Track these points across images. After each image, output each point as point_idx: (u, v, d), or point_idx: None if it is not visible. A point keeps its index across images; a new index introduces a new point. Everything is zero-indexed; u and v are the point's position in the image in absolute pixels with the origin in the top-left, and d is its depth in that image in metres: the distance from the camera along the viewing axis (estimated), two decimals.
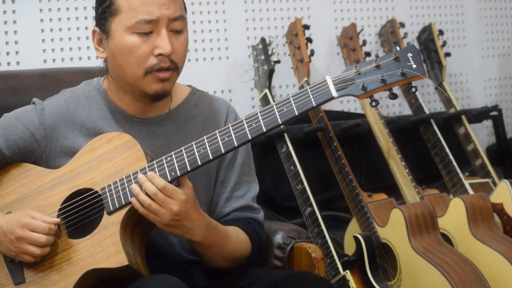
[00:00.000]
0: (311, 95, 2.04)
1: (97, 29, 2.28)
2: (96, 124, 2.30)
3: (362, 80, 2.02)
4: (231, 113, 2.39)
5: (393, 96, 2.02)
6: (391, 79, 2.01)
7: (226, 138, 2.08)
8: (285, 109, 2.05)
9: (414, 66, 2.01)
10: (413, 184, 3.43)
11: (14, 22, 3.14)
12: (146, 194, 2.10)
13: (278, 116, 2.05)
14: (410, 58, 2.01)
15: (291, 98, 2.05)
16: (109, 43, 2.25)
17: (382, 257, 3.25)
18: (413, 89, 2.03)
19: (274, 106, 2.06)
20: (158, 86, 2.24)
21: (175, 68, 2.25)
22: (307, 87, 2.05)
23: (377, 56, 2.03)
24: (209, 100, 2.40)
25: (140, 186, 2.10)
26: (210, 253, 2.23)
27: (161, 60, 2.22)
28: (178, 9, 2.23)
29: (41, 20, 3.19)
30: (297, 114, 2.04)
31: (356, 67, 2.03)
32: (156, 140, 2.30)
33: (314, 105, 2.04)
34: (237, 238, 2.28)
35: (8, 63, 3.12)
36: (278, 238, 2.61)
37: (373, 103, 2.04)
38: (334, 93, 2.03)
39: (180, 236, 2.18)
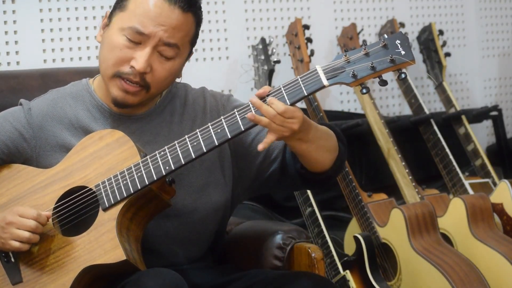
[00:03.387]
0: (302, 85, 2.05)
1: (108, 13, 2.30)
2: (84, 123, 2.30)
3: (352, 68, 2.03)
4: (208, 95, 2.38)
5: (383, 83, 2.04)
6: (380, 66, 2.02)
7: (219, 130, 2.08)
8: (277, 99, 2.06)
9: (403, 52, 2.02)
10: (413, 184, 3.43)
11: (14, 22, 3.14)
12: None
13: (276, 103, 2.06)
14: (399, 45, 2.03)
15: (282, 88, 2.06)
16: (105, 31, 2.27)
17: (382, 257, 3.25)
18: (403, 75, 2.04)
19: (266, 97, 2.06)
20: (120, 94, 2.23)
21: (144, 86, 2.23)
22: (298, 77, 2.06)
23: (365, 44, 2.04)
24: (185, 89, 2.40)
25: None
26: (319, 143, 2.19)
27: (132, 72, 2.21)
28: (176, 38, 2.21)
29: (41, 20, 3.19)
30: (289, 104, 2.05)
31: (345, 56, 2.04)
32: (144, 136, 2.30)
33: (306, 94, 2.05)
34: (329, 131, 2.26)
35: (8, 63, 3.13)
36: (278, 238, 2.60)
37: (364, 90, 2.05)
38: (325, 82, 2.04)
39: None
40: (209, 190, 2.34)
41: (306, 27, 3.51)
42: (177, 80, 2.35)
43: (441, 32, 3.88)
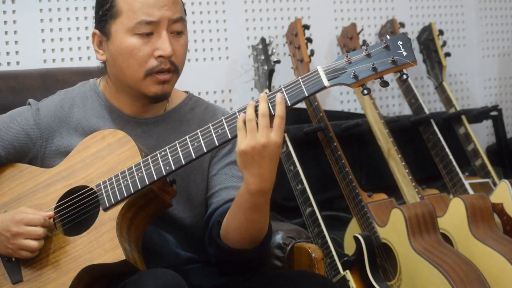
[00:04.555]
0: (303, 85, 2.04)
1: (97, 31, 2.29)
2: (92, 123, 2.31)
3: (354, 69, 2.02)
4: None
5: (384, 84, 2.03)
6: (382, 67, 2.01)
7: (219, 131, 2.08)
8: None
9: (405, 53, 2.01)
10: (413, 184, 3.43)
11: (14, 22, 3.14)
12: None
13: (270, 107, 2.05)
14: (401, 46, 2.02)
15: (283, 89, 2.06)
16: (109, 45, 2.26)
17: (382, 257, 3.25)
18: (405, 76, 2.03)
19: (267, 98, 2.06)
20: (158, 88, 2.24)
21: (175, 70, 2.25)
22: (299, 77, 2.05)
23: (367, 44, 2.04)
24: (204, 105, 2.41)
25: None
26: (249, 216, 2.15)
27: (162, 62, 2.22)
28: (178, 11, 2.24)
29: (41, 20, 3.19)
30: (289, 104, 2.05)
31: (347, 56, 2.04)
32: (150, 140, 2.31)
33: (306, 95, 2.04)
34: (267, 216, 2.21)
35: (8, 63, 3.13)
36: (278, 238, 2.61)
37: (365, 91, 2.04)
38: (326, 83, 2.03)
39: (247, 173, 2.08)
40: (205, 205, 2.35)
41: (306, 27, 3.50)
42: None
43: (441, 32, 3.88)
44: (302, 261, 2.54)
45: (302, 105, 3.36)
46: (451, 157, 3.59)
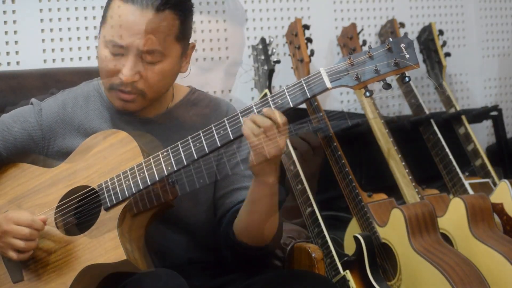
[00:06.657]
0: (305, 87, 2.05)
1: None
2: (94, 124, 2.31)
3: (356, 71, 2.03)
4: (231, 112, 2.37)
5: (387, 86, 2.04)
6: (384, 69, 2.02)
7: (221, 131, 2.09)
8: (280, 101, 2.07)
9: (407, 56, 2.02)
10: (413, 184, 3.42)
11: (14, 22, 3.14)
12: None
13: (273, 109, 2.06)
14: (403, 48, 2.03)
15: (285, 90, 2.06)
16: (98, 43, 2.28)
17: (382, 257, 3.25)
18: (407, 79, 2.04)
19: (269, 99, 2.07)
20: (120, 103, 2.26)
21: (139, 94, 2.23)
22: (302, 79, 2.06)
23: (370, 47, 2.04)
24: (208, 99, 2.40)
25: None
26: (269, 203, 2.18)
27: (122, 83, 2.21)
28: (154, 43, 2.20)
29: (41, 20, 3.19)
30: (291, 106, 2.06)
31: (349, 58, 2.04)
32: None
33: (309, 96, 2.06)
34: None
35: (8, 63, 3.12)
36: None
37: (367, 93, 2.05)
38: (328, 84, 2.04)
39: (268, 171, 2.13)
40: (209, 204, 2.34)
41: (306, 27, 3.50)
42: (185, 74, 2.34)
43: (441, 32, 3.88)
44: (302, 261, 2.54)
45: (302, 105, 3.35)
46: (451, 157, 3.59)
